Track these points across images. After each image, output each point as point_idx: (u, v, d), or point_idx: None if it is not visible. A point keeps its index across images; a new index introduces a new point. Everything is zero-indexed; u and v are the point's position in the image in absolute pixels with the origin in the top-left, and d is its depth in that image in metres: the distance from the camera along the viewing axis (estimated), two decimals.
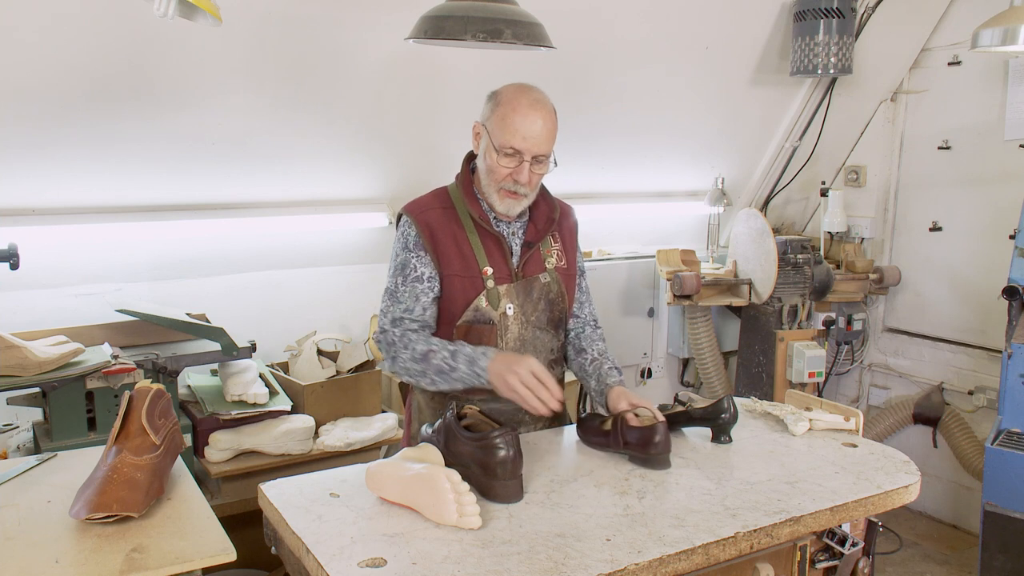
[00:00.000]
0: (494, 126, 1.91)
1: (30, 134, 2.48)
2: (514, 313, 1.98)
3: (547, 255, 2.06)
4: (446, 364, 1.87)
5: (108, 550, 1.38)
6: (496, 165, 1.91)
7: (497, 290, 1.97)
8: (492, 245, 1.99)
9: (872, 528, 1.83)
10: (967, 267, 3.70)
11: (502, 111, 1.90)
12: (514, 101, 1.90)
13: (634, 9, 3.15)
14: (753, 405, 2.18)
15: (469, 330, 1.97)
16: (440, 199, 2.04)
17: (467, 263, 1.96)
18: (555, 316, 2.06)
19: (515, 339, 2.00)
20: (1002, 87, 3.49)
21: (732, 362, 4.04)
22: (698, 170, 3.92)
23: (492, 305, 1.96)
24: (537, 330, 2.03)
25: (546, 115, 1.91)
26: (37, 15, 2.27)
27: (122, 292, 2.82)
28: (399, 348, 1.94)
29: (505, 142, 1.89)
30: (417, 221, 1.98)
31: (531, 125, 1.88)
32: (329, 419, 2.87)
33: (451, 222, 1.99)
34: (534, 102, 1.90)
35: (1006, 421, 2.98)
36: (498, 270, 1.98)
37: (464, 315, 1.96)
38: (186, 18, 1.61)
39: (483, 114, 1.96)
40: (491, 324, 1.97)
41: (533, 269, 2.03)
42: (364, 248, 3.25)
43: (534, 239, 2.04)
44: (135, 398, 1.61)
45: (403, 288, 1.97)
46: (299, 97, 2.79)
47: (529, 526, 1.50)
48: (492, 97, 1.96)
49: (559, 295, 2.06)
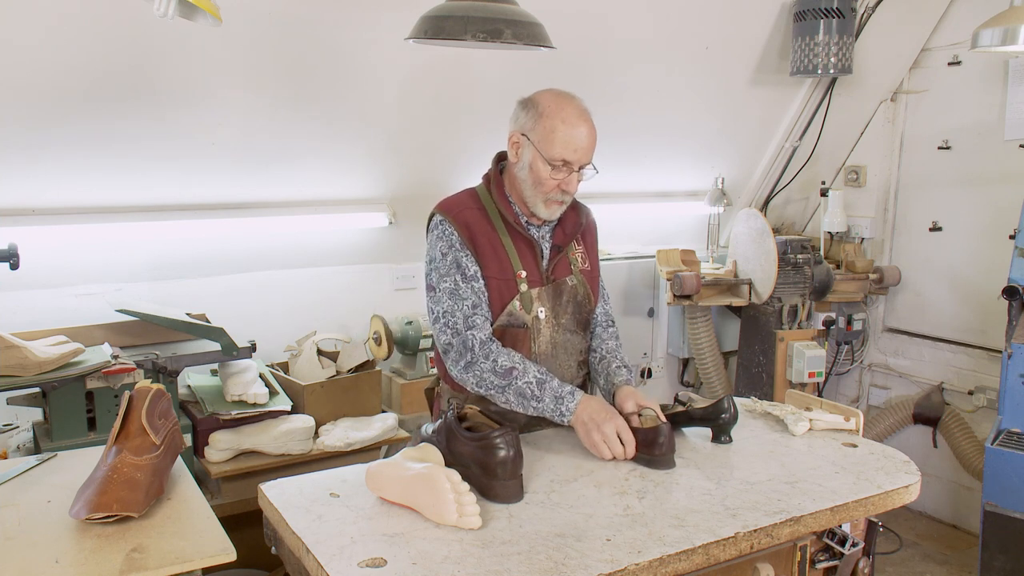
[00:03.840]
0: (541, 138, 1.88)
1: (30, 134, 2.48)
2: (545, 317, 1.98)
3: (573, 258, 2.06)
4: (529, 390, 1.85)
5: (108, 550, 1.38)
6: (546, 177, 1.89)
7: (530, 293, 1.96)
8: (525, 248, 1.99)
9: (872, 528, 1.83)
10: (967, 267, 3.70)
11: (549, 123, 1.87)
12: (561, 112, 1.87)
13: (634, 9, 3.15)
14: (753, 405, 2.18)
15: (504, 334, 1.96)
16: (473, 199, 2.01)
17: (503, 266, 1.95)
18: (582, 318, 2.07)
19: (547, 342, 2.00)
20: (1002, 87, 3.49)
21: (732, 362, 4.04)
22: (698, 170, 3.92)
23: (526, 309, 1.96)
24: (567, 333, 2.03)
25: (591, 124, 1.90)
26: (38, 16, 2.27)
27: (122, 292, 2.82)
28: (479, 356, 1.89)
29: (557, 155, 1.87)
30: (456, 221, 1.96)
31: (581, 137, 1.88)
32: (329, 419, 2.87)
33: (486, 223, 1.97)
34: (581, 112, 1.90)
35: (1006, 421, 2.98)
36: (531, 273, 1.98)
37: (499, 319, 1.95)
38: (186, 18, 1.61)
39: (522, 124, 1.92)
40: (524, 328, 1.96)
41: (561, 272, 2.03)
42: (364, 248, 3.25)
43: (562, 243, 2.04)
44: (135, 398, 1.61)
45: (464, 285, 1.93)
46: (299, 97, 2.79)
47: (529, 526, 1.50)
48: (530, 106, 1.92)
49: (585, 297, 2.06)
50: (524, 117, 1.92)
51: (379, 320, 3.08)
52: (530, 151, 1.90)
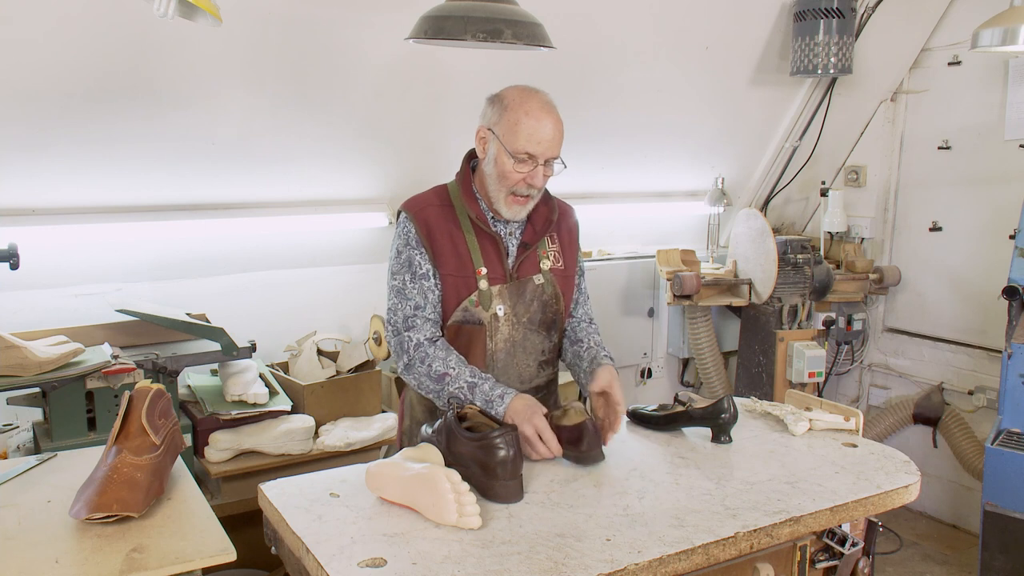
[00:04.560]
0: (505, 131, 1.89)
1: (30, 134, 2.48)
2: (505, 314, 1.98)
3: (543, 256, 2.05)
4: (462, 395, 1.87)
5: (108, 550, 1.38)
6: (510, 171, 1.90)
7: (490, 291, 1.97)
8: (488, 245, 1.99)
9: (872, 528, 1.84)
10: (967, 267, 3.70)
11: (513, 116, 1.88)
12: (524, 105, 1.89)
13: (634, 9, 3.15)
14: (753, 405, 2.18)
15: (459, 330, 1.97)
16: (440, 196, 2.03)
17: (462, 262, 1.96)
18: (548, 318, 2.06)
19: (505, 340, 2.00)
20: (1002, 87, 3.49)
21: (732, 362, 4.04)
22: (698, 170, 3.92)
23: (483, 306, 1.96)
24: (528, 332, 2.03)
25: (557, 118, 1.91)
26: (38, 16, 2.27)
27: (122, 292, 2.82)
28: (415, 359, 1.93)
29: (520, 147, 1.88)
30: (415, 218, 1.98)
31: (545, 129, 1.88)
32: (329, 419, 2.87)
33: (448, 220, 1.98)
34: (544, 104, 1.90)
35: (1006, 421, 2.98)
36: (492, 270, 1.98)
37: (454, 315, 1.97)
38: (186, 18, 1.61)
39: (488, 118, 1.94)
40: (480, 325, 1.97)
41: (528, 270, 2.03)
42: (364, 248, 3.25)
43: (531, 240, 2.04)
44: (135, 398, 1.61)
45: (411, 285, 1.96)
46: (299, 97, 2.79)
47: (529, 526, 1.50)
48: (496, 100, 1.94)
49: (553, 297, 2.05)
50: (490, 112, 1.94)
51: (379, 320, 3.08)
52: (495, 145, 1.92)
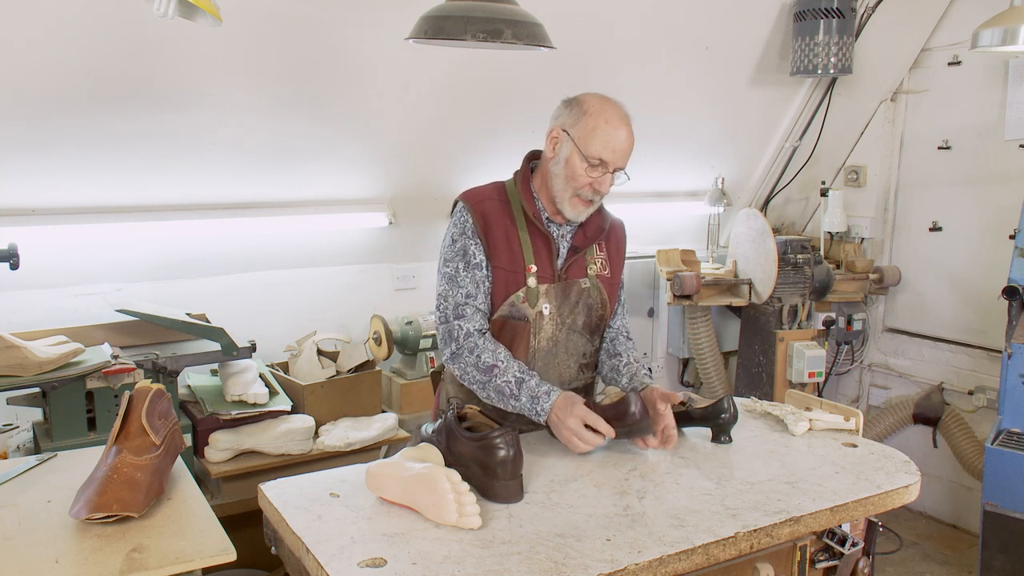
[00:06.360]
0: (581, 134, 1.92)
1: (30, 134, 2.48)
2: (550, 313, 2.00)
3: (591, 262, 2.08)
4: (508, 389, 1.89)
5: (108, 550, 1.38)
6: (580, 173, 1.93)
7: (537, 288, 1.99)
8: (540, 244, 2.01)
9: (872, 528, 1.84)
10: (967, 267, 3.70)
11: (592, 121, 1.92)
12: (605, 112, 1.92)
13: (634, 9, 3.15)
14: (753, 405, 2.18)
15: (504, 325, 1.99)
16: (498, 191, 2.05)
17: (514, 258, 1.98)
18: (592, 321, 2.08)
19: (548, 339, 2.02)
20: (1002, 87, 3.49)
21: (732, 362, 4.04)
22: (698, 170, 3.92)
23: (530, 303, 1.98)
24: (572, 333, 2.05)
25: (631, 130, 1.95)
26: (38, 16, 2.27)
27: (122, 292, 2.83)
28: (463, 348, 1.95)
29: (595, 152, 1.91)
30: (473, 210, 2.00)
31: (621, 138, 1.92)
32: (329, 419, 2.87)
33: (505, 215, 2.01)
34: (624, 116, 1.95)
35: (1006, 421, 2.98)
36: (542, 269, 2.00)
37: (500, 309, 1.99)
38: (186, 18, 1.61)
39: (563, 120, 1.96)
40: (525, 321, 1.99)
41: (575, 273, 2.05)
42: (364, 248, 3.25)
43: (581, 244, 2.06)
44: (135, 398, 1.61)
45: (464, 274, 1.97)
46: (299, 97, 2.79)
47: (529, 526, 1.50)
48: (575, 104, 1.96)
49: (599, 301, 2.08)
50: (567, 114, 1.97)
51: (379, 320, 3.08)
52: (568, 146, 1.94)
